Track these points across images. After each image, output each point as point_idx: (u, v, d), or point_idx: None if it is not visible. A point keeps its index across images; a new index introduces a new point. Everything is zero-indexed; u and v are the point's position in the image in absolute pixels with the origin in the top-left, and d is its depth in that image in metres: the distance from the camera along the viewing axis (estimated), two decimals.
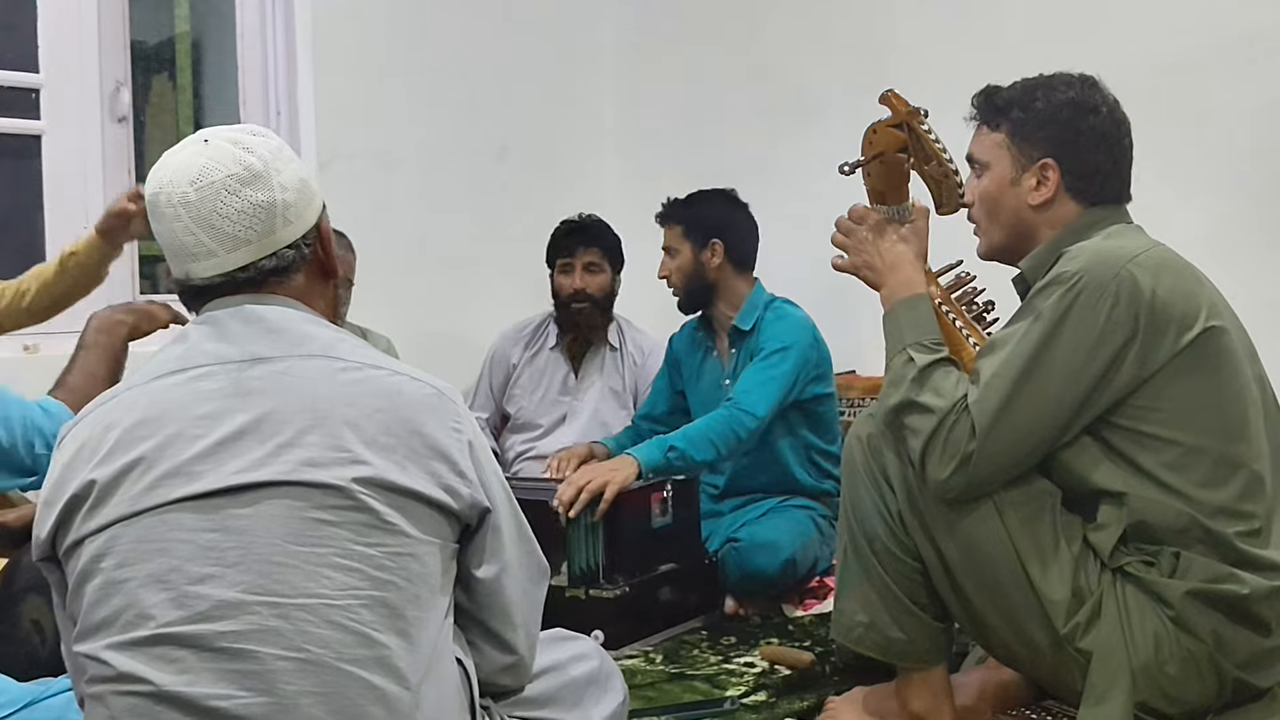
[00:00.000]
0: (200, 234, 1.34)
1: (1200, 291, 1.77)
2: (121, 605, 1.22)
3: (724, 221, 3.01)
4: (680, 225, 3.01)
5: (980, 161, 1.93)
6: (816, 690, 2.20)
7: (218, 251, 1.35)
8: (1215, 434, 1.73)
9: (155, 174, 1.37)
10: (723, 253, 2.98)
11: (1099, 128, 1.87)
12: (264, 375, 1.29)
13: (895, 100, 1.81)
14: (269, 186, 1.35)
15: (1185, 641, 1.71)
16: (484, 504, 1.35)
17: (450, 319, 3.64)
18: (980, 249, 1.99)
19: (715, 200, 3.04)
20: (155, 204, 1.35)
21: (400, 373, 1.35)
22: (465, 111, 3.75)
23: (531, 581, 1.45)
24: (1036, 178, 1.88)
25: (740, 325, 2.96)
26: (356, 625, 1.22)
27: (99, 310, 2.18)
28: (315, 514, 1.23)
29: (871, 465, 1.86)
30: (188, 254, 1.35)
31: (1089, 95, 1.88)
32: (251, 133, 1.39)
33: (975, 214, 1.96)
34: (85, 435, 1.30)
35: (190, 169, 1.34)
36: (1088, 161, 1.87)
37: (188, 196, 1.33)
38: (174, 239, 1.35)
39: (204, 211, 1.33)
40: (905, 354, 1.80)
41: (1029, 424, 1.72)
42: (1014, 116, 1.90)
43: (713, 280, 2.99)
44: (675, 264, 3.00)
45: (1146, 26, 2.96)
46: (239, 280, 1.36)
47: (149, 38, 3.40)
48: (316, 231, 1.41)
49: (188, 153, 1.36)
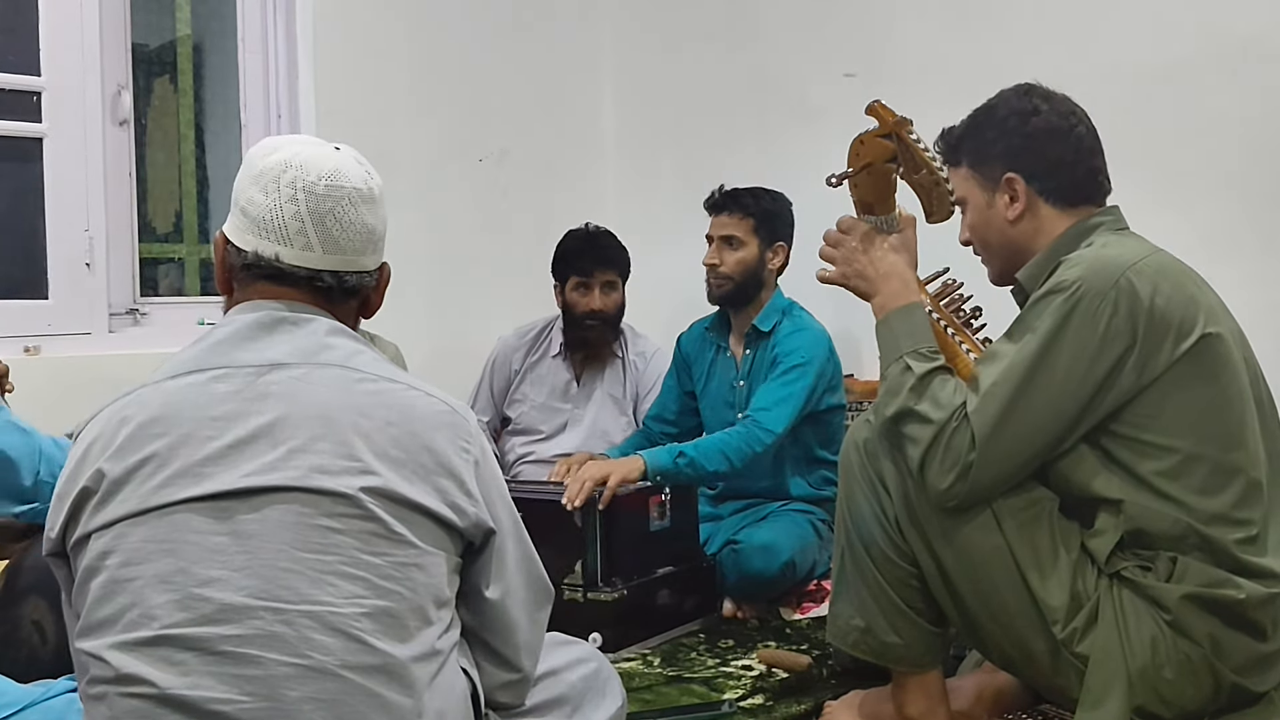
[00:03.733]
0: (309, 226, 1.36)
1: (1199, 298, 1.77)
2: (126, 604, 1.22)
3: (790, 227, 3.01)
4: (753, 219, 2.97)
5: (960, 200, 1.94)
6: (813, 693, 2.20)
7: (316, 248, 1.37)
8: (1213, 441, 1.73)
9: (281, 150, 1.38)
10: (784, 257, 2.98)
11: (1045, 125, 1.88)
12: (280, 381, 1.30)
13: (882, 110, 1.81)
14: (378, 215, 1.41)
15: (1182, 646, 1.72)
16: (488, 525, 1.35)
17: (449, 321, 3.64)
18: (990, 277, 2.01)
19: (784, 203, 3.02)
20: (274, 176, 1.36)
21: (415, 388, 1.36)
22: (465, 114, 3.75)
23: (535, 605, 1.46)
24: (1006, 194, 1.90)
25: (760, 326, 2.96)
26: (360, 633, 1.22)
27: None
28: (323, 521, 1.24)
29: (868, 470, 1.87)
30: (283, 235, 1.36)
31: (1026, 101, 1.90)
32: (363, 159, 1.44)
33: (975, 249, 1.99)
34: (99, 429, 1.30)
35: (324, 164, 1.37)
36: (1046, 160, 1.87)
37: (315, 188, 1.36)
38: (276, 216, 1.35)
39: (323, 209, 1.36)
40: (902, 363, 1.80)
41: (1029, 432, 1.73)
42: (967, 147, 1.93)
43: (764, 281, 2.98)
44: (737, 256, 2.95)
45: (1142, 32, 2.96)
46: (316, 284, 1.38)
47: (150, 41, 3.40)
48: (381, 270, 1.46)
49: (319, 148, 1.39)
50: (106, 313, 3.08)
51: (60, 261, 3.01)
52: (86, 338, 3.03)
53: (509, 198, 3.85)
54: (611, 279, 3.23)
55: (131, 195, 3.17)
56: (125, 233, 3.15)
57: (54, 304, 3.01)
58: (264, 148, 1.40)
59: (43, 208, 2.99)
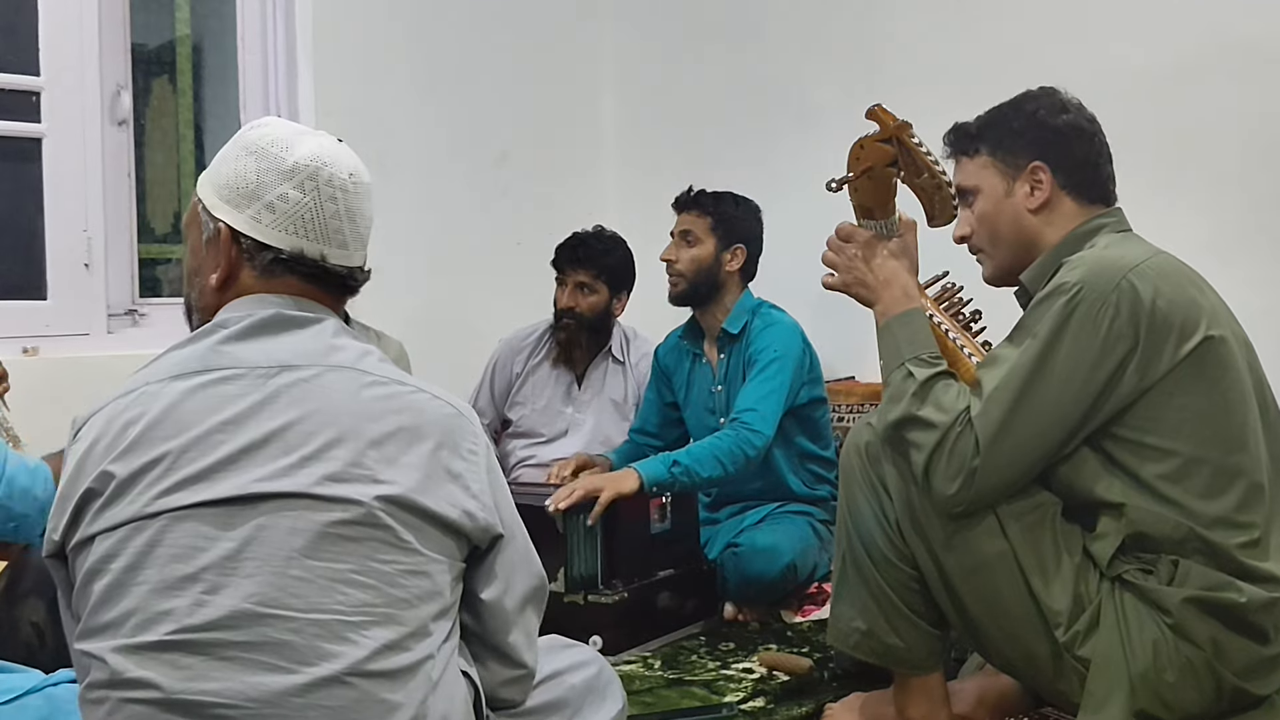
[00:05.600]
0: (345, 224, 1.37)
1: (1201, 300, 1.77)
2: (131, 607, 1.21)
3: (752, 232, 3.01)
4: (711, 218, 2.98)
5: (968, 188, 1.94)
6: (814, 696, 2.20)
7: (350, 245, 1.38)
8: (1215, 444, 1.73)
9: (297, 144, 1.36)
10: (743, 260, 2.98)
11: (1074, 123, 1.91)
12: (290, 384, 1.28)
13: (883, 114, 1.81)
14: (372, 205, 1.41)
15: (1184, 649, 1.71)
16: (497, 530, 1.36)
17: (449, 322, 3.64)
18: (986, 274, 1.99)
19: (748, 208, 3.03)
20: (309, 173, 1.34)
21: (422, 390, 1.35)
22: (465, 115, 3.75)
23: (534, 602, 1.45)
24: (1029, 183, 1.90)
25: (729, 329, 2.96)
26: (368, 641, 1.22)
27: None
28: (333, 529, 1.23)
29: (870, 473, 1.87)
30: (328, 237, 1.36)
31: (1055, 99, 1.93)
32: None
33: (976, 241, 1.98)
34: (100, 429, 1.28)
35: (346, 160, 1.38)
36: (1074, 155, 1.90)
37: (346, 185, 1.36)
38: (318, 216, 1.35)
39: (352, 205, 1.37)
40: (904, 369, 1.80)
41: (1033, 435, 1.73)
42: (990, 136, 1.94)
43: (721, 282, 2.97)
44: (692, 253, 2.97)
45: (1146, 34, 2.96)
46: (348, 283, 1.39)
47: (149, 41, 3.40)
48: None
49: (336, 144, 1.39)
50: (105, 313, 3.08)
51: (59, 262, 3.00)
52: (85, 338, 3.03)
53: (509, 198, 3.85)
54: (585, 280, 3.23)
55: (130, 195, 3.16)
56: (124, 233, 3.15)
57: (53, 305, 3.00)
58: (273, 139, 1.36)
59: (41, 208, 2.99)
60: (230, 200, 1.36)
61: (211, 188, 1.38)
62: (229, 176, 1.37)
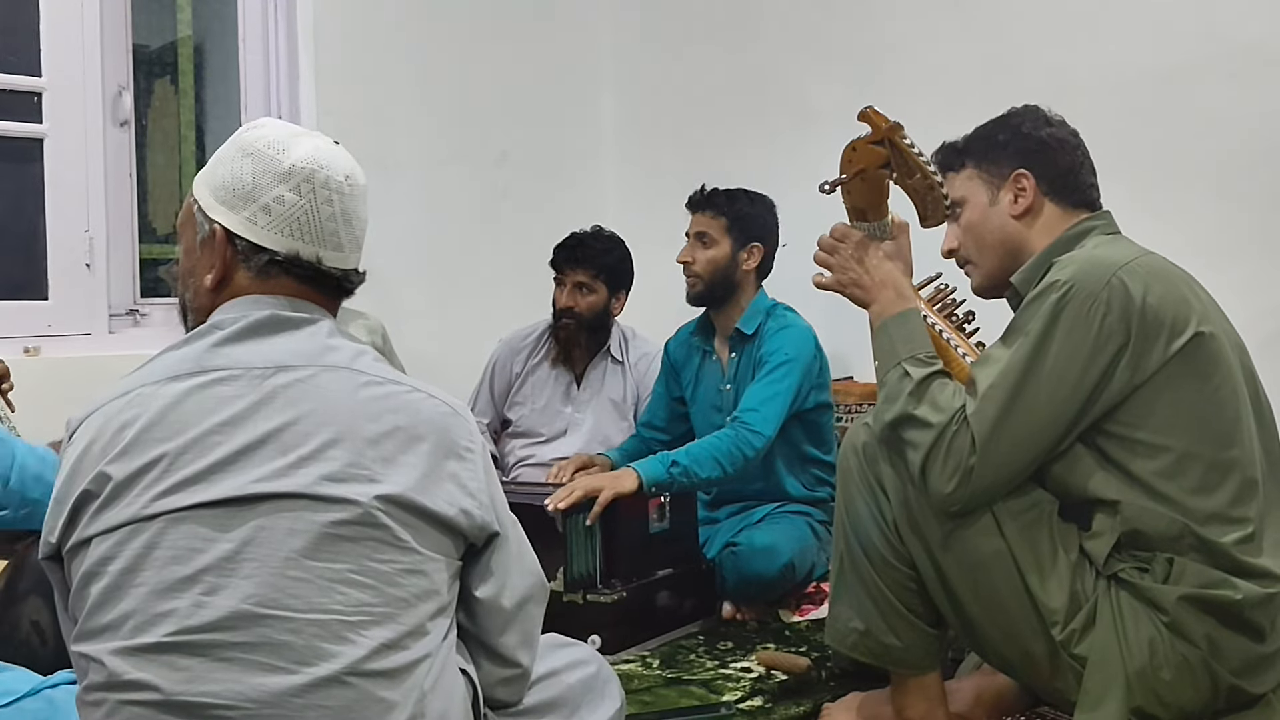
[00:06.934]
0: (340, 227, 1.37)
1: (1191, 298, 1.78)
2: (129, 609, 1.21)
3: (767, 228, 3.01)
4: (726, 218, 2.97)
5: (955, 201, 1.95)
6: (812, 695, 2.21)
7: (345, 247, 1.38)
8: (1207, 440, 1.74)
9: (293, 145, 1.36)
10: (759, 258, 2.98)
11: (1057, 135, 1.94)
12: (286, 384, 1.28)
13: (875, 116, 1.81)
14: (368, 208, 1.41)
15: (1180, 647, 1.72)
16: (493, 528, 1.36)
17: (449, 323, 3.65)
18: (974, 284, 2.01)
19: (763, 204, 3.02)
20: (305, 175, 1.35)
21: (418, 389, 1.35)
22: (465, 116, 3.76)
23: (533, 601, 1.45)
24: (1013, 191, 1.93)
25: (743, 329, 2.96)
26: (366, 640, 1.22)
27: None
28: (331, 529, 1.23)
29: (867, 473, 1.87)
30: (324, 239, 1.36)
31: (1039, 114, 1.97)
32: None
33: (964, 252, 1.99)
34: (95, 430, 1.28)
35: (343, 162, 1.38)
36: (1057, 164, 1.92)
37: (342, 188, 1.37)
38: (313, 219, 1.35)
39: (348, 208, 1.37)
40: (900, 369, 1.81)
41: (1028, 433, 1.73)
42: (973, 149, 1.97)
43: (738, 281, 2.97)
44: (709, 254, 2.96)
45: (1146, 35, 2.97)
46: (345, 285, 1.39)
47: (151, 42, 3.41)
48: None
49: (332, 146, 1.39)
50: (106, 313, 3.09)
51: (60, 262, 3.01)
52: (86, 338, 3.04)
53: (509, 198, 3.85)
54: (583, 280, 3.23)
55: (132, 196, 3.18)
56: (125, 233, 3.16)
57: (54, 305, 3.01)
58: (269, 141, 1.36)
59: (43, 208, 3.00)
60: (226, 201, 1.36)
61: (207, 188, 1.38)
62: (225, 177, 1.37)
